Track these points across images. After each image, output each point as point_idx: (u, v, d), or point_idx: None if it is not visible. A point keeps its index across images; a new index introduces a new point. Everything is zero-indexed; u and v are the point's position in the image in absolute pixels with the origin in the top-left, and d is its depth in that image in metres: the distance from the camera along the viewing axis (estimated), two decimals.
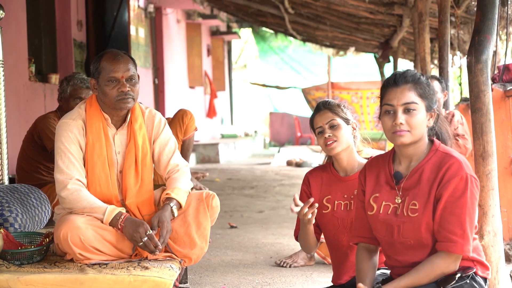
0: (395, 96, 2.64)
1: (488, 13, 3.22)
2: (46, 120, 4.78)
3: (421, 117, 2.64)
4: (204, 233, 3.55)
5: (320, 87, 16.83)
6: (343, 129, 3.20)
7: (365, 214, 2.80)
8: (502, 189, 4.37)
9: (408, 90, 2.64)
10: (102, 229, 3.35)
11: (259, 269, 4.78)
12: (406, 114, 2.62)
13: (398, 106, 2.63)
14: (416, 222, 2.61)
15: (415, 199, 2.63)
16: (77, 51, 9.01)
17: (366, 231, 2.82)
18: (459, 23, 7.39)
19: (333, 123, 3.20)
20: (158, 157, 3.64)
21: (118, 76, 3.43)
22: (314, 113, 3.28)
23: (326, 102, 3.27)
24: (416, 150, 2.68)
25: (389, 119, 2.65)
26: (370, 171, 2.82)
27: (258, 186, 10.08)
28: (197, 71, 16.42)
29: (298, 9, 10.51)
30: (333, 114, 3.22)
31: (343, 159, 3.24)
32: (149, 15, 12.67)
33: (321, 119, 3.22)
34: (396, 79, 2.67)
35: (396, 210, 2.68)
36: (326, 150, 3.22)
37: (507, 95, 4.79)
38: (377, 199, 2.74)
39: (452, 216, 2.55)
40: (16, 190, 3.92)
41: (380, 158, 2.84)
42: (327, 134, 3.19)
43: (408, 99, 2.63)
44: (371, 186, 2.79)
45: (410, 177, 2.68)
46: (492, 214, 3.23)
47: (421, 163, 2.66)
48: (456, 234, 2.54)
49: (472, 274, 2.63)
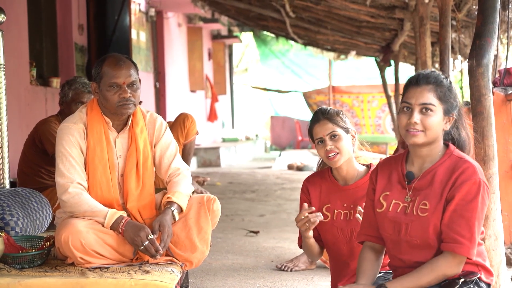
0: (414, 95, 2.66)
1: (489, 17, 3.23)
2: (47, 124, 4.79)
3: (437, 119, 2.64)
4: (205, 237, 3.55)
5: (321, 91, 16.83)
6: (344, 140, 3.16)
7: (373, 213, 2.80)
8: (503, 193, 4.36)
9: (428, 91, 2.65)
10: (103, 233, 3.35)
11: (260, 273, 4.78)
12: (422, 114, 2.64)
13: (416, 105, 2.64)
14: (425, 222, 2.62)
15: (426, 199, 2.64)
16: (78, 55, 9.02)
17: (373, 230, 2.82)
18: (460, 27, 7.39)
19: (334, 134, 3.15)
20: (159, 160, 3.64)
21: (120, 82, 3.43)
22: (313, 122, 3.21)
23: (325, 111, 3.21)
24: (430, 151, 2.69)
25: (405, 116, 2.66)
26: (382, 170, 2.82)
27: (259, 190, 10.08)
28: (198, 75, 16.42)
29: (299, 13, 10.52)
30: (333, 124, 3.16)
31: (344, 168, 3.20)
32: (150, 19, 12.69)
33: (321, 130, 3.17)
34: (418, 79, 2.68)
35: (406, 209, 2.69)
36: (329, 162, 3.17)
37: (508, 99, 4.79)
38: (387, 197, 2.75)
39: (462, 219, 2.55)
40: (17, 193, 3.92)
41: (393, 158, 2.84)
42: (328, 146, 3.14)
43: (426, 100, 2.64)
44: (382, 184, 2.79)
45: (423, 178, 2.68)
46: (494, 218, 3.23)
47: (434, 165, 2.67)
48: (464, 236, 2.54)
49: (476, 280, 2.62)
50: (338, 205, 3.21)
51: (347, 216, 3.18)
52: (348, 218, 3.17)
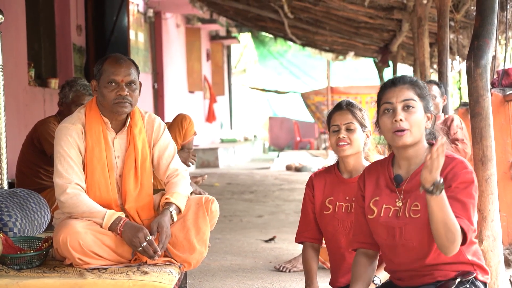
0: (394, 94, 2.68)
1: (487, 18, 3.23)
2: (45, 124, 4.78)
3: (420, 116, 2.67)
4: (204, 237, 3.55)
5: (320, 92, 16.84)
6: (357, 134, 3.24)
7: (364, 220, 2.80)
8: (502, 193, 4.37)
9: (407, 89, 2.69)
10: (101, 233, 3.35)
11: (259, 274, 4.78)
12: (405, 111, 2.65)
13: (397, 103, 2.66)
14: (419, 223, 2.62)
15: (417, 200, 2.64)
16: (77, 55, 9.02)
17: (365, 236, 2.82)
18: (458, 28, 7.40)
19: (350, 126, 3.24)
20: (157, 161, 3.64)
21: (118, 79, 3.43)
22: (335, 109, 3.31)
23: (350, 103, 3.31)
24: (416, 152, 2.69)
25: (388, 118, 2.67)
26: (369, 176, 2.83)
27: (258, 190, 10.08)
28: (196, 75, 16.43)
29: (298, 13, 10.53)
30: (353, 116, 3.26)
31: (350, 162, 3.28)
32: (149, 20, 12.68)
33: (339, 118, 3.26)
34: (394, 81, 2.73)
35: (397, 212, 2.69)
36: (337, 150, 3.25)
37: (506, 100, 4.79)
38: (377, 203, 2.75)
39: (458, 202, 2.55)
40: (15, 194, 3.92)
41: (378, 163, 2.85)
42: (341, 134, 3.23)
43: (407, 96, 2.67)
44: (371, 190, 2.79)
45: (411, 180, 2.68)
46: (492, 219, 3.23)
47: (421, 166, 2.66)
48: (461, 216, 2.53)
49: (472, 279, 2.62)
50: (340, 198, 3.27)
51: (348, 208, 3.24)
52: (349, 211, 3.24)
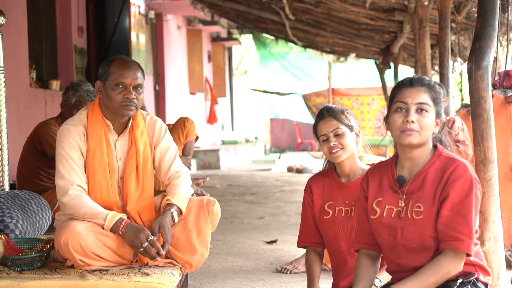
0: (410, 95, 2.68)
1: (489, 19, 3.23)
2: (47, 126, 4.79)
3: (431, 120, 2.67)
4: (205, 239, 3.55)
5: (321, 93, 16.85)
6: (347, 137, 3.23)
7: (367, 220, 2.80)
8: (503, 195, 4.36)
9: (423, 92, 2.69)
10: (102, 235, 3.35)
11: (260, 276, 4.77)
12: (418, 114, 2.66)
13: (412, 104, 2.66)
14: (421, 225, 2.62)
15: (420, 201, 2.64)
16: (78, 57, 9.02)
17: (367, 237, 2.82)
18: (459, 29, 7.39)
19: (338, 131, 3.23)
20: (158, 163, 3.65)
21: (127, 82, 3.44)
22: (318, 119, 3.28)
23: (330, 109, 3.28)
24: (420, 153, 2.70)
25: (400, 116, 2.67)
26: (372, 177, 2.83)
27: (259, 192, 10.08)
28: (197, 77, 16.43)
29: (299, 15, 10.52)
30: (338, 121, 3.23)
31: (346, 165, 3.26)
32: (150, 21, 12.69)
33: (325, 127, 3.24)
34: (412, 81, 2.73)
35: (400, 213, 2.69)
36: (331, 157, 3.23)
37: (508, 101, 4.79)
38: (380, 203, 2.75)
39: (459, 216, 2.56)
40: (16, 196, 3.93)
41: (382, 164, 2.85)
42: (332, 142, 3.21)
43: (423, 99, 2.67)
44: (374, 191, 2.80)
45: (414, 181, 2.69)
46: (493, 220, 3.23)
47: (424, 167, 2.68)
48: (462, 233, 2.55)
49: (474, 280, 2.63)
50: (339, 202, 3.26)
51: (348, 212, 3.23)
52: (349, 215, 3.22)
